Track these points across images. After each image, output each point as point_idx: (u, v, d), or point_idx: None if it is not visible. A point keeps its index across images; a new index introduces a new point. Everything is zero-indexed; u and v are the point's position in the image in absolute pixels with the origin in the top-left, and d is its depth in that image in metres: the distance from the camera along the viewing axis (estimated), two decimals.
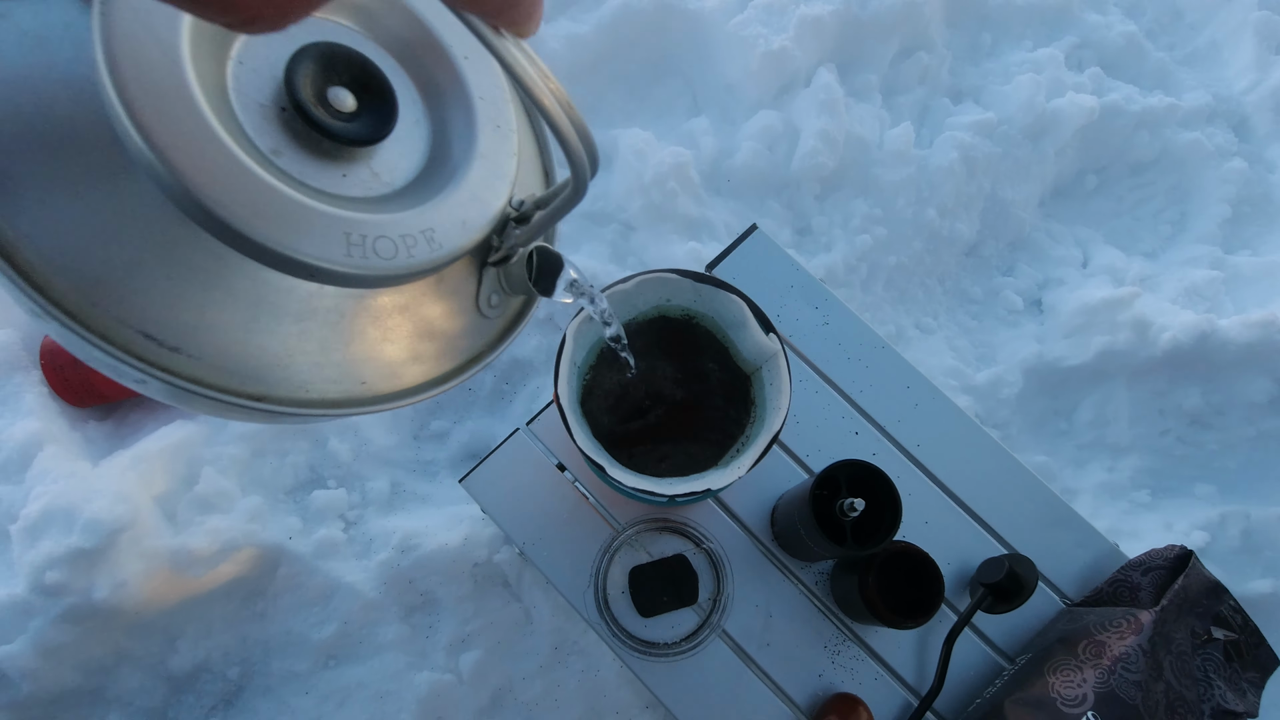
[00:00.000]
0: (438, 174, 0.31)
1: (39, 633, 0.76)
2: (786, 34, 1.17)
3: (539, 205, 0.32)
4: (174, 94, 0.24)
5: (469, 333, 0.35)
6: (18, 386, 0.88)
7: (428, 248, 0.28)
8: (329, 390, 0.30)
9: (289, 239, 0.25)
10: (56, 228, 0.25)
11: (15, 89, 0.24)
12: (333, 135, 0.27)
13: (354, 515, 0.93)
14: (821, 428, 0.81)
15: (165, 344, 0.26)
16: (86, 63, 0.24)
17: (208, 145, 0.24)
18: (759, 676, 0.75)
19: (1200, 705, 0.69)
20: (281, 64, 0.27)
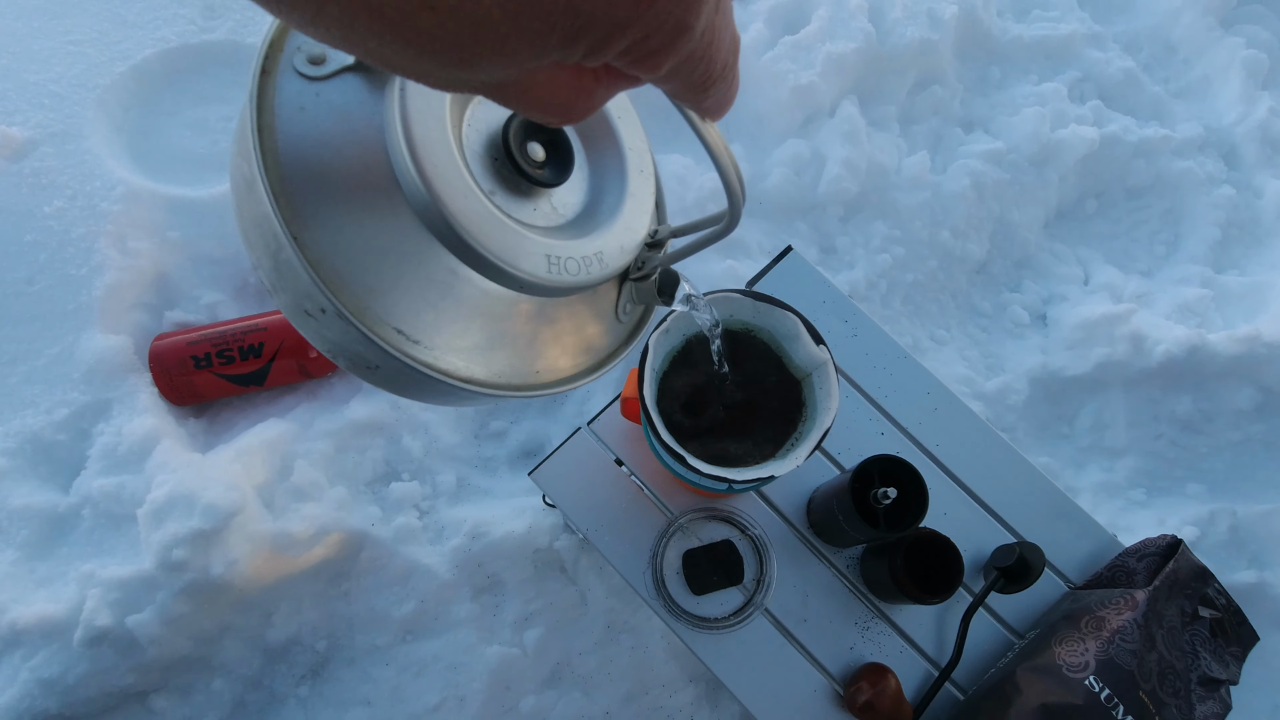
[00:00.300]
0: (599, 209, 0.39)
1: (163, 604, 0.86)
2: (813, 69, 1.27)
3: (673, 234, 0.40)
4: (442, 152, 0.31)
5: (607, 335, 0.42)
6: (133, 387, 0.99)
7: (599, 266, 0.36)
8: (514, 377, 0.37)
9: (510, 258, 0.33)
10: (345, 247, 0.32)
11: (325, 148, 0.32)
12: (530, 179, 0.35)
13: (426, 505, 1.03)
14: (851, 429, 0.90)
15: (409, 336, 0.33)
16: (374, 128, 0.32)
17: (462, 188, 0.31)
18: (797, 649, 0.83)
19: (1188, 674, 0.78)
20: (496, 126, 0.35)
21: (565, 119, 0.23)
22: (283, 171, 0.31)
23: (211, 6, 1.31)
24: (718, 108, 0.25)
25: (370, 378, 0.36)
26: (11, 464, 0.97)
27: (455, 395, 0.37)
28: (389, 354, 0.32)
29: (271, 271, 0.33)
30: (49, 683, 0.85)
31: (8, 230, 1.09)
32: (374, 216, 0.32)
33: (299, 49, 0.32)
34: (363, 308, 0.32)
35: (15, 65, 1.22)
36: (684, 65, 0.21)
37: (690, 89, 0.22)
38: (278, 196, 0.30)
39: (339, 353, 0.35)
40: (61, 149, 1.15)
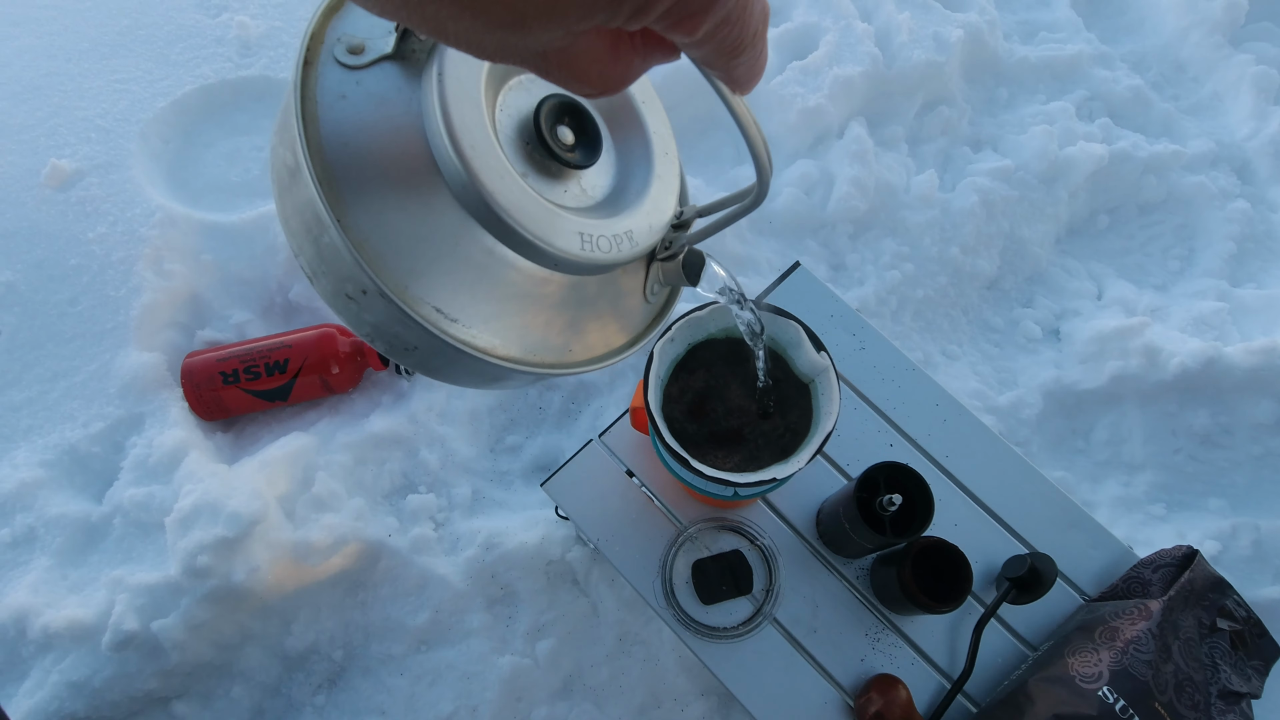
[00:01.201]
0: (627, 190, 0.40)
1: (187, 610, 0.89)
2: (821, 92, 1.31)
3: (698, 213, 0.41)
4: (479, 135, 0.32)
5: (635, 314, 0.43)
6: (164, 401, 1.03)
7: (630, 244, 0.37)
8: (548, 355, 0.38)
9: (547, 236, 0.33)
10: (386, 229, 0.33)
11: (365, 133, 0.33)
12: (561, 161, 0.36)
13: (442, 517, 1.05)
14: (860, 440, 0.91)
15: (448, 315, 0.34)
16: (412, 114, 0.32)
17: (499, 169, 0.33)
18: (807, 659, 0.82)
19: (1207, 687, 0.76)
20: (526, 110, 0.36)
21: (604, 90, 0.24)
22: (326, 157, 0.32)
23: (247, 44, 1.39)
24: (748, 77, 0.25)
25: (408, 359, 0.37)
26: (50, 474, 1.01)
27: (491, 373, 0.38)
28: (429, 332, 0.33)
29: (314, 257, 0.35)
30: (77, 685, 0.88)
31: (54, 254, 1.16)
32: (413, 199, 0.33)
33: (339, 40, 0.34)
34: (403, 288, 0.33)
35: (67, 102, 1.30)
36: (719, 29, 0.21)
37: (723, 54, 0.23)
38: (322, 182, 0.31)
39: (378, 335, 0.36)
40: (106, 179, 1.22)
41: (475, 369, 0.37)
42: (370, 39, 0.34)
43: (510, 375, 0.38)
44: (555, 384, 1.17)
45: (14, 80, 1.32)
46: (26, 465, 1.02)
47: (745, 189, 0.37)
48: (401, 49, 0.33)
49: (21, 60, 1.34)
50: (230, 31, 1.39)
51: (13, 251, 1.16)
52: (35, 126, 1.27)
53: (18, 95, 1.30)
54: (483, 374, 0.38)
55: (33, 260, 1.15)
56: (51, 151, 1.24)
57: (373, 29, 0.34)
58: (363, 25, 0.35)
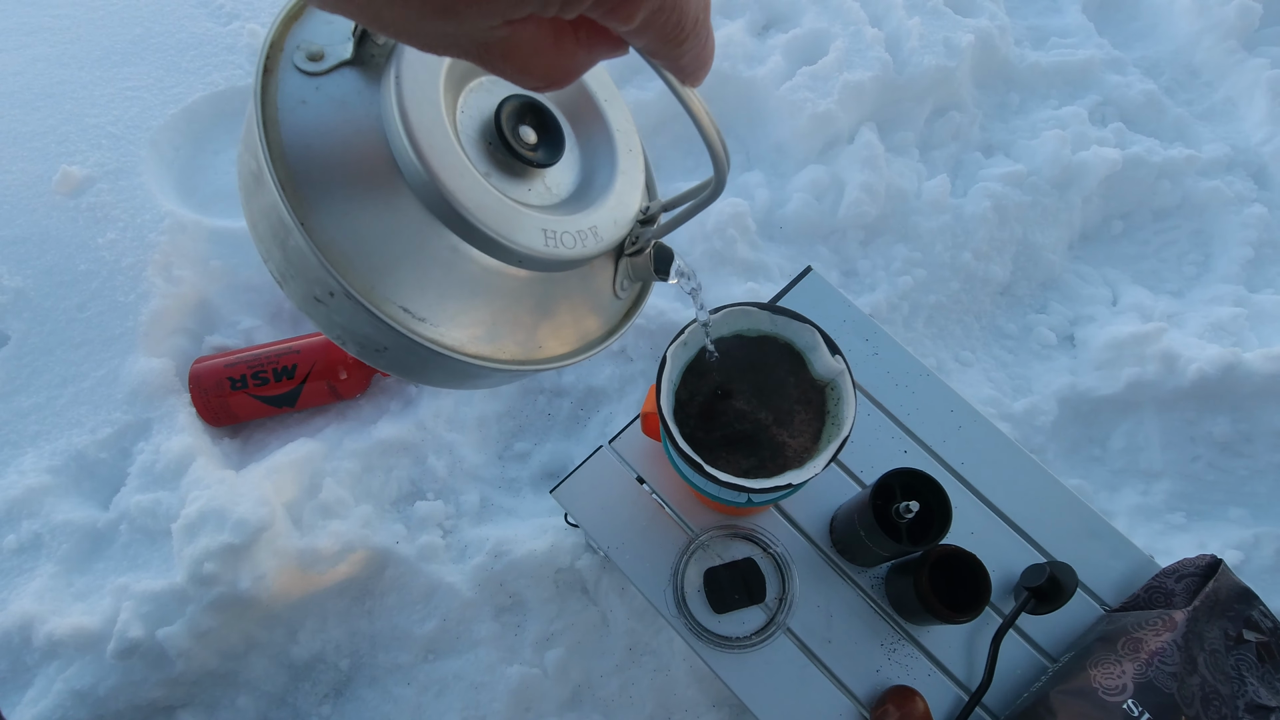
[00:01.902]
0: (591, 186, 0.40)
1: (193, 618, 0.88)
2: (831, 98, 1.30)
3: (664, 208, 0.42)
4: (439, 135, 0.33)
5: (605, 310, 0.44)
6: (172, 407, 1.03)
7: (595, 240, 0.37)
8: (519, 352, 0.39)
9: (509, 233, 0.34)
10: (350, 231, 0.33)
11: (326, 138, 0.33)
12: (524, 160, 0.36)
13: (450, 524, 1.04)
14: (874, 446, 0.90)
15: (415, 314, 0.35)
16: (372, 117, 0.33)
17: (458, 167, 0.33)
18: (821, 670, 0.81)
19: (1235, 700, 0.75)
20: (488, 111, 0.37)
21: (551, 83, 0.24)
22: (288, 162, 0.32)
23: (257, 52, 1.39)
24: (694, 66, 0.25)
25: (380, 361, 0.38)
26: (57, 480, 1.01)
27: (463, 370, 0.38)
28: (396, 331, 0.34)
29: (281, 261, 0.35)
30: (81, 694, 0.87)
31: (64, 260, 1.16)
32: (376, 200, 0.33)
33: (298, 47, 0.34)
34: (369, 288, 0.33)
35: (78, 110, 1.30)
36: (656, 15, 0.21)
37: (665, 43, 0.23)
38: (284, 186, 0.32)
39: (349, 338, 0.36)
40: (116, 185, 1.23)
41: (447, 367, 0.37)
42: (329, 45, 0.34)
43: (482, 373, 0.38)
44: (564, 390, 1.16)
45: (27, 88, 1.33)
46: (34, 471, 1.01)
47: (704, 182, 0.38)
48: (360, 54, 0.34)
49: (35, 69, 1.35)
50: (240, 39, 1.40)
51: (24, 257, 1.16)
52: (47, 134, 1.28)
53: (30, 103, 1.31)
54: (455, 372, 0.39)
55: (43, 266, 1.16)
56: (63, 158, 1.24)
57: (332, 35, 0.35)
58: (322, 32, 0.35)
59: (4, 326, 1.12)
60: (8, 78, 1.34)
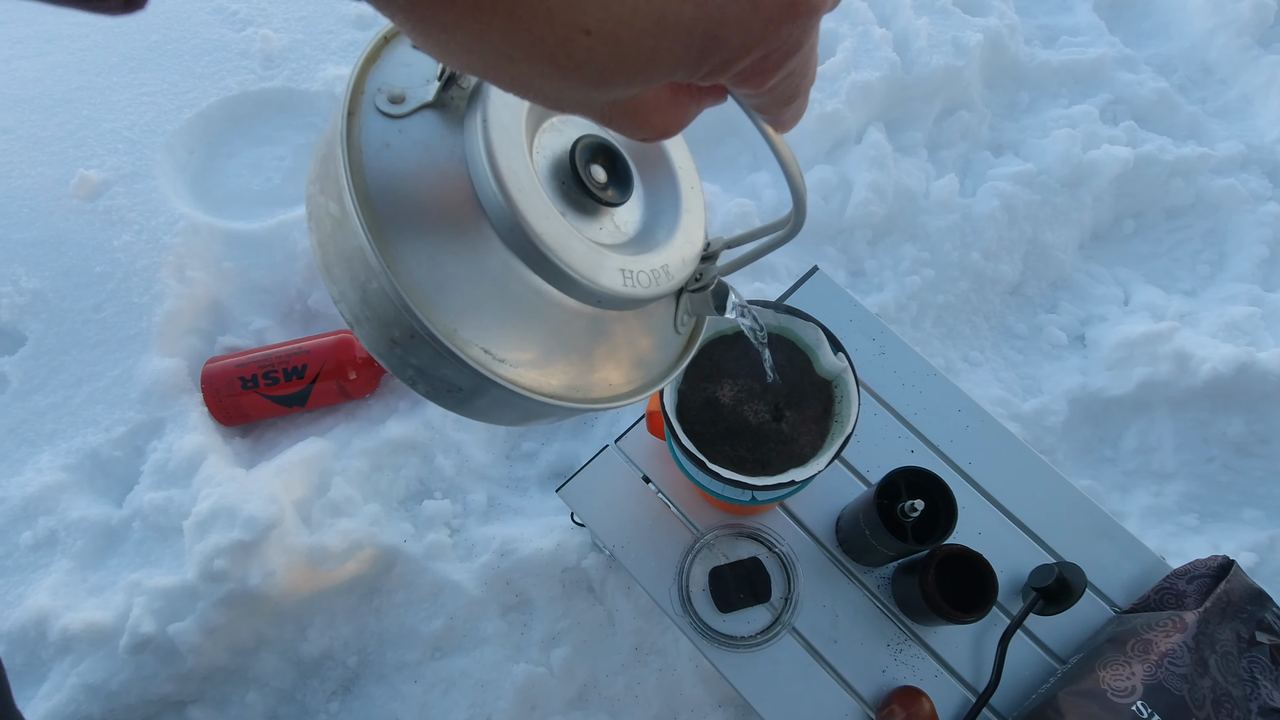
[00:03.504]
0: (658, 225, 0.40)
1: (203, 614, 0.89)
2: (839, 98, 1.30)
3: (726, 245, 0.42)
4: (525, 178, 0.33)
5: (666, 345, 0.44)
6: (184, 407, 1.04)
7: (667, 278, 0.38)
8: (591, 390, 0.39)
9: (592, 274, 0.34)
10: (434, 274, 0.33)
11: (410, 181, 0.34)
12: (597, 199, 0.37)
13: (457, 523, 1.05)
14: (880, 446, 0.90)
15: (496, 356, 0.35)
16: (455, 159, 0.34)
17: (544, 210, 0.33)
18: (826, 670, 0.81)
19: (1247, 703, 0.74)
20: (561, 151, 0.37)
21: (662, 134, 0.25)
22: (373, 205, 0.32)
23: (270, 57, 1.41)
24: (794, 119, 0.26)
25: (448, 401, 0.37)
26: (72, 478, 1.03)
27: (536, 410, 0.38)
28: (479, 374, 0.34)
29: (358, 304, 0.35)
30: (94, 688, 0.89)
31: (81, 262, 1.18)
32: (459, 243, 0.34)
33: (379, 90, 0.34)
34: (453, 331, 0.33)
35: (95, 115, 1.33)
36: (784, 81, 0.22)
37: (778, 103, 0.24)
38: (371, 230, 0.32)
39: (422, 378, 0.36)
40: (131, 188, 1.25)
41: (520, 407, 0.38)
42: (410, 88, 0.35)
43: (553, 412, 0.38)
44: None
45: (46, 94, 1.35)
46: (50, 469, 1.03)
47: (780, 219, 0.38)
48: (441, 97, 0.34)
49: (53, 75, 1.38)
50: (254, 45, 1.41)
51: (42, 260, 1.18)
52: (65, 138, 1.30)
53: (49, 109, 1.33)
54: (526, 412, 0.39)
55: (60, 268, 1.18)
56: (80, 162, 1.27)
57: (411, 78, 0.35)
58: (400, 74, 0.35)
59: (22, 327, 1.14)
60: (28, 84, 1.36)
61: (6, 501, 1.01)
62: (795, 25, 0.20)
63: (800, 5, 0.19)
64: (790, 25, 0.20)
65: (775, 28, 0.19)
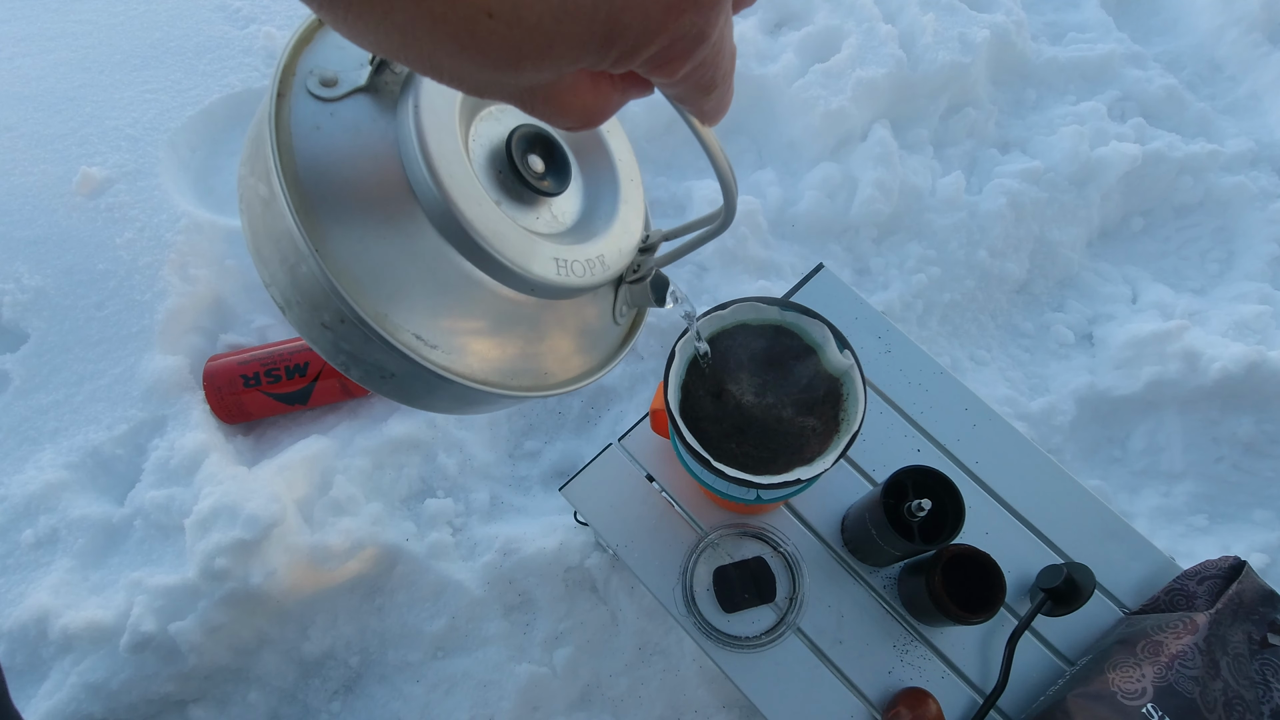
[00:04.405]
0: (595, 215, 0.40)
1: (204, 613, 0.89)
2: (844, 95, 1.29)
3: (665, 237, 0.42)
4: (456, 164, 0.33)
5: (605, 336, 0.44)
6: (186, 404, 1.04)
7: (602, 269, 0.38)
8: (525, 378, 0.39)
9: (525, 262, 0.34)
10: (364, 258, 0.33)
11: (340, 164, 0.33)
12: (533, 189, 0.37)
13: (460, 522, 1.04)
14: (886, 445, 0.89)
15: (428, 342, 0.34)
16: (387, 144, 0.33)
17: (476, 196, 0.33)
18: (832, 671, 0.80)
19: (1260, 706, 0.73)
20: (498, 140, 0.37)
21: (584, 124, 0.25)
22: (301, 188, 0.32)
23: (273, 55, 1.41)
24: (716, 111, 0.27)
25: (382, 387, 0.37)
26: (74, 476, 1.02)
27: (469, 397, 0.38)
28: (410, 359, 0.33)
29: (288, 287, 0.35)
30: (95, 687, 0.88)
31: (83, 260, 1.18)
32: (390, 228, 0.33)
33: (311, 72, 0.34)
34: (383, 315, 0.33)
35: (99, 112, 1.33)
36: (695, 71, 0.22)
37: (696, 92, 0.24)
38: (299, 212, 0.31)
39: (354, 364, 0.36)
40: (134, 186, 1.24)
41: (454, 394, 0.37)
42: (343, 71, 0.34)
43: (488, 399, 0.38)
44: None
45: (49, 92, 1.35)
46: (52, 467, 1.03)
47: (712, 213, 0.38)
48: (374, 82, 0.34)
49: (57, 73, 1.37)
50: (257, 42, 1.41)
51: (44, 257, 1.18)
52: (68, 136, 1.30)
53: (52, 106, 1.33)
54: (460, 398, 0.38)
55: (63, 266, 1.17)
56: (83, 160, 1.26)
57: (344, 61, 0.35)
58: (333, 57, 0.35)
59: (24, 325, 1.14)
60: (31, 81, 1.36)
61: (8, 500, 1.01)
62: (699, 14, 0.20)
63: None
64: (693, 14, 0.20)
65: (677, 15, 0.20)
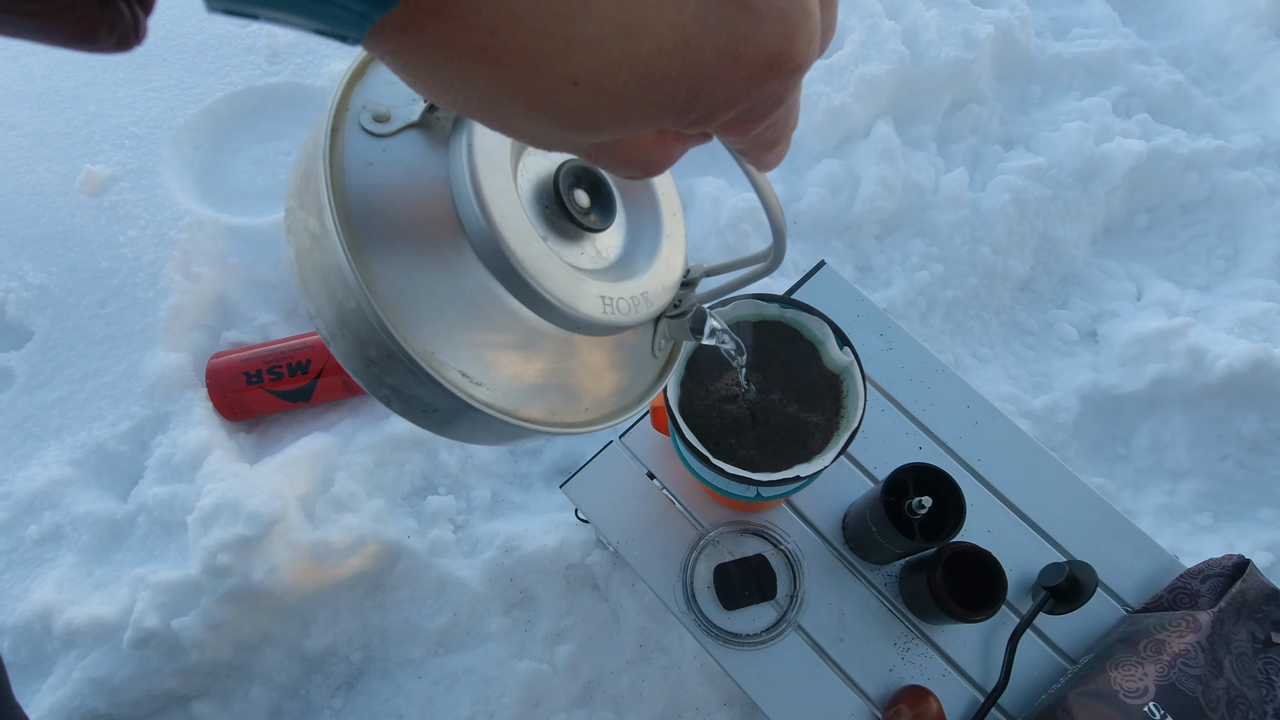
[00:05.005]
0: (638, 251, 0.40)
1: (207, 609, 0.89)
2: (846, 91, 1.29)
3: (706, 273, 0.43)
4: (508, 203, 0.33)
5: (643, 370, 0.44)
6: (189, 402, 1.04)
7: (646, 306, 0.38)
8: (566, 415, 0.39)
9: (571, 299, 0.34)
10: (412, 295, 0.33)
11: (392, 201, 0.33)
12: (579, 225, 0.36)
13: (461, 519, 1.05)
14: (887, 442, 0.89)
15: (473, 379, 0.34)
16: (439, 181, 0.33)
17: (526, 235, 0.33)
18: (832, 669, 0.80)
19: (1263, 705, 0.72)
20: (545, 175, 0.37)
21: (648, 173, 0.25)
22: (353, 224, 0.32)
23: (276, 52, 1.41)
24: (775, 161, 0.27)
25: (424, 420, 0.37)
26: (77, 473, 1.03)
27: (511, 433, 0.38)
28: (455, 397, 0.33)
29: (334, 321, 0.34)
30: (98, 682, 0.89)
31: (87, 258, 1.18)
32: (439, 265, 0.33)
33: (364, 108, 0.34)
34: (430, 353, 0.33)
35: (102, 110, 1.33)
36: (766, 131, 0.23)
37: (760, 148, 0.25)
38: (350, 248, 0.31)
39: (397, 397, 0.36)
40: (137, 184, 1.25)
41: (496, 430, 0.37)
42: (395, 107, 0.34)
43: (529, 434, 0.38)
44: None
45: (53, 90, 1.35)
46: (56, 464, 1.03)
47: (760, 252, 0.39)
48: (427, 118, 0.34)
49: (61, 71, 1.38)
50: (260, 40, 1.41)
51: (48, 255, 1.19)
52: (72, 134, 1.30)
53: (56, 104, 1.34)
54: (501, 434, 0.38)
55: (67, 264, 1.18)
56: (86, 158, 1.27)
57: (396, 96, 0.35)
58: (384, 93, 0.35)
59: (29, 322, 1.14)
60: (35, 80, 1.37)
61: (12, 496, 1.01)
62: (778, 83, 0.20)
63: (783, 65, 0.19)
64: (774, 83, 0.20)
65: (759, 85, 0.20)
